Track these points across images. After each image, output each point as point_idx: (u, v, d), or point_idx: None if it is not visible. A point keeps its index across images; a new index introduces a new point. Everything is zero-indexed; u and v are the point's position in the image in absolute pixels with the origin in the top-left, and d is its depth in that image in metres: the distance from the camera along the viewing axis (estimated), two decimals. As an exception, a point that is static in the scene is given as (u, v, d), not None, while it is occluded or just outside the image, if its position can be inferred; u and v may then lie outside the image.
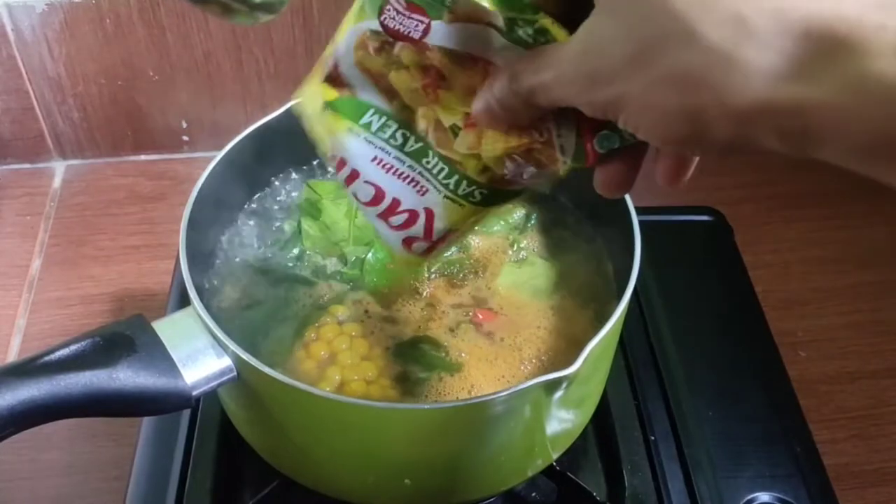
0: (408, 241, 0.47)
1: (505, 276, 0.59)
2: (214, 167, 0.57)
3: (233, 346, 0.48)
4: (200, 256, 0.58)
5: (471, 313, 0.57)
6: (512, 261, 0.60)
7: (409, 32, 0.40)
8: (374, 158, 0.44)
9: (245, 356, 0.47)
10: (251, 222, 0.63)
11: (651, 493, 0.60)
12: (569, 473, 0.59)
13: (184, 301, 0.51)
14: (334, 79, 0.44)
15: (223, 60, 0.87)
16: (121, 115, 0.91)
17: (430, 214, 0.45)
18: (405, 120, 0.43)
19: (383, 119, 0.44)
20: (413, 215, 0.45)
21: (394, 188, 0.45)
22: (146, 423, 0.63)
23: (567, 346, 0.55)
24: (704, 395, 0.65)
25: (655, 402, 0.65)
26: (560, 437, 0.55)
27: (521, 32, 0.38)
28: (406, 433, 0.49)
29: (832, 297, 0.81)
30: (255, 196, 0.64)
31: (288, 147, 0.63)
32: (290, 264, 0.60)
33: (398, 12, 0.40)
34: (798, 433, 0.64)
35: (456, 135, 0.42)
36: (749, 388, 0.66)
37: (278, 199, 0.64)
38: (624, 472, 0.61)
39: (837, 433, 0.71)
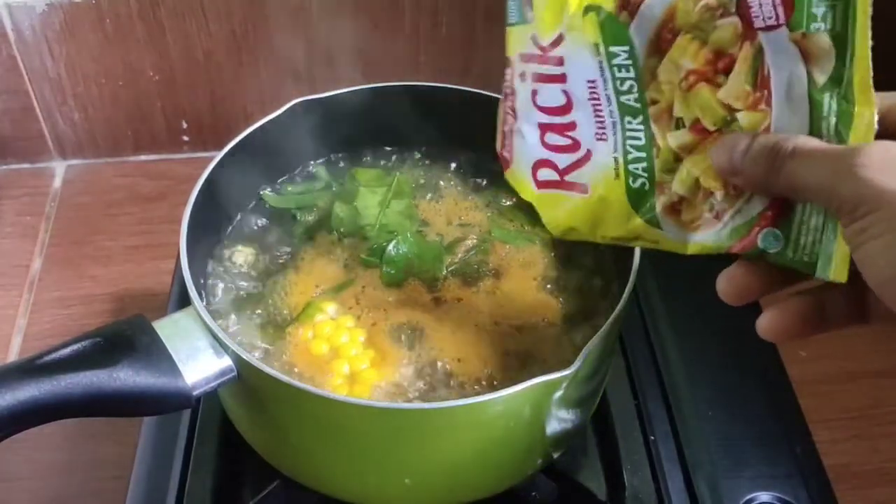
0: (543, 164, 0.45)
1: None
2: (214, 167, 0.57)
3: (233, 346, 0.48)
4: (201, 256, 0.58)
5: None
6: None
7: (757, 16, 0.38)
8: (592, 81, 0.43)
9: (245, 356, 0.47)
10: (252, 221, 0.63)
11: (651, 493, 0.60)
12: (569, 473, 0.59)
13: (184, 301, 0.51)
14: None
15: (223, 60, 0.87)
16: (121, 115, 0.91)
17: (587, 157, 0.44)
18: (643, 78, 0.42)
19: (629, 62, 0.42)
20: (575, 146, 0.44)
21: (582, 115, 0.44)
22: (146, 423, 0.63)
23: (564, 346, 0.55)
24: (704, 396, 0.65)
25: (655, 402, 0.65)
26: (560, 437, 0.55)
27: (827, 104, 0.37)
28: (406, 433, 0.49)
29: (832, 297, 0.81)
30: (256, 195, 0.64)
31: (288, 146, 0.63)
32: (291, 263, 0.60)
33: None
34: (798, 433, 0.64)
35: (678, 127, 0.41)
36: (749, 388, 0.66)
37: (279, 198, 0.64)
38: (624, 472, 0.61)
39: (837, 433, 0.71)
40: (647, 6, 0.41)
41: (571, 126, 0.44)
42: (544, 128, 0.45)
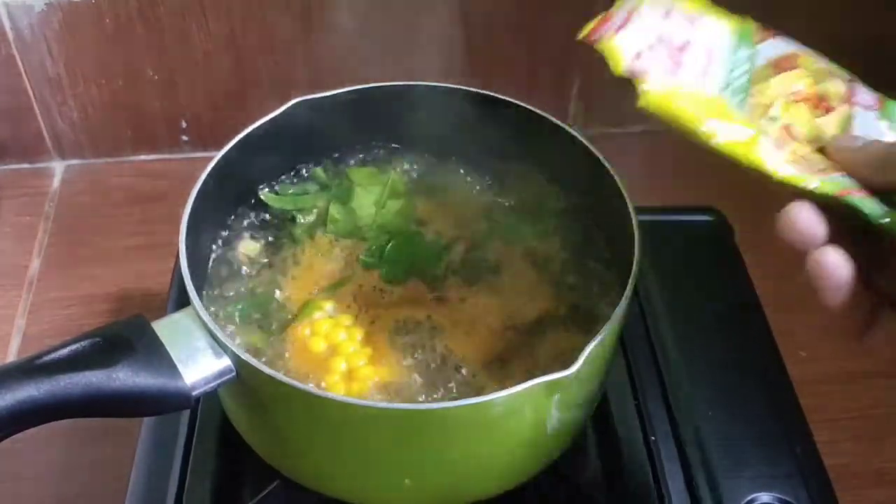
0: (640, 58, 0.47)
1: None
2: (214, 167, 0.57)
3: (232, 346, 0.48)
4: (200, 256, 0.58)
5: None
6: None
7: (859, 98, 0.47)
8: (711, 49, 0.47)
9: (245, 356, 0.47)
10: (251, 221, 0.63)
11: (651, 493, 0.60)
12: (569, 473, 0.59)
13: (183, 301, 0.51)
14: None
15: (223, 60, 0.87)
16: (121, 115, 0.91)
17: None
18: (755, 76, 0.47)
19: (748, 59, 0.47)
20: (675, 68, 0.47)
21: (690, 63, 0.46)
22: (146, 423, 0.63)
23: (565, 346, 0.55)
24: (704, 396, 0.65)
25: (655, 402, 0.65)
26: (560, 437, 0.55)
27: None
28: (406, 433, 0.49)
29: (833, 297, 0.81)
30: (255, 195, 0.64)
31: (287, 146, 0.63)
32: (290, 262, 0.60)
33: None
34: (798, 433, 0.64)
35: (770, 121, 0.46)
36: (749, 388, 0.66)
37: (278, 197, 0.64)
38: (624, 472, 0.61)
39: (838, 433, 0.71)
40: (774, 45, 0.48)
41: (680, 53, 0.47)
42: (661, 39, 0.47)
